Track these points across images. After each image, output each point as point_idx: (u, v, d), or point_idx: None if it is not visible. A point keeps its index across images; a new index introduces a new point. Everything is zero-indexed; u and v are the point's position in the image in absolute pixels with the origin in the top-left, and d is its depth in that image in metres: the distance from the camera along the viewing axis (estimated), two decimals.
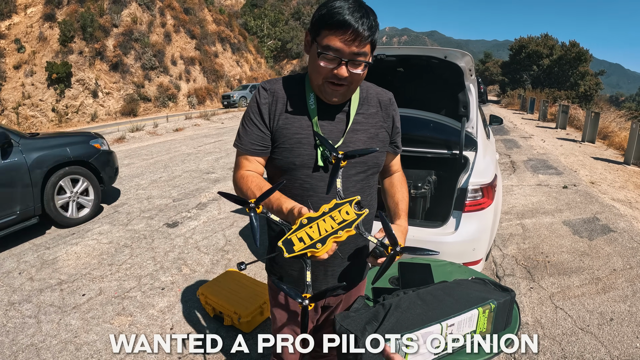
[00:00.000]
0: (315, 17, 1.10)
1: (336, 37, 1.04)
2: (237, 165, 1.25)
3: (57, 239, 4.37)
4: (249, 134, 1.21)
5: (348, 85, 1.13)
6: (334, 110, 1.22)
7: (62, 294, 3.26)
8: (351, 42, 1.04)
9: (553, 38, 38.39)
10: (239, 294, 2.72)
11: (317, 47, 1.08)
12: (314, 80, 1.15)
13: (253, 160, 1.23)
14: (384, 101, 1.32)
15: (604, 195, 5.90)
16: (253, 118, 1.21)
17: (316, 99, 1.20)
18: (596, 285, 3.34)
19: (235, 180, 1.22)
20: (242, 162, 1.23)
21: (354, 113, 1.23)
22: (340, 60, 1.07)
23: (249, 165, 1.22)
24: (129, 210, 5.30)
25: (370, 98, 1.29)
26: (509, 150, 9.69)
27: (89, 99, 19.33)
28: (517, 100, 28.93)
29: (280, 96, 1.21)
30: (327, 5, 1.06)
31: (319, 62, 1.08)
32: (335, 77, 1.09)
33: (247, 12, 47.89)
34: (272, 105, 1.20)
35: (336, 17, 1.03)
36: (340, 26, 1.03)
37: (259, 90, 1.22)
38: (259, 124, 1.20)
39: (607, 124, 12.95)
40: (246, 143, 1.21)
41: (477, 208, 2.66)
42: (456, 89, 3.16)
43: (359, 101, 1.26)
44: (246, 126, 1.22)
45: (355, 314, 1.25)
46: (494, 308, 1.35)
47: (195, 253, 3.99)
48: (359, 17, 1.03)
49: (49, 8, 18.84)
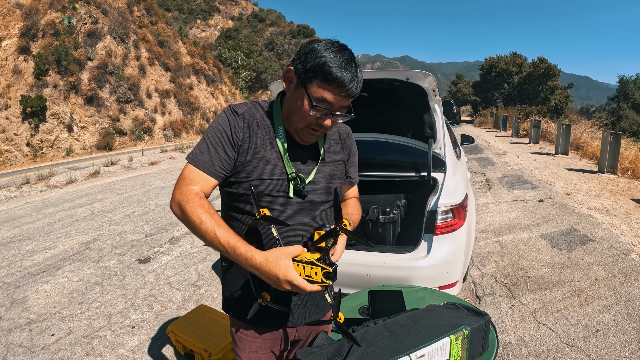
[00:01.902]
0: (309, 62, 1.05)
1: (330, 92, 1.05)
2: (186, 179, 1.10)
3: (27, 277, 4.24)
4: (212, 152, 1.11)
5: (324, 130, 1.14)
6: (300, 145, 1.21)
7: (31, 333, 3.15)
8: (345, 98, 1.07)
9: (521, 56, 39.85)
10: (209, 330, 2.59)
11: (306, 93, 1.06)
12: (293, 122, 1.14)
13: (207, 180, 1.11)
14: (343, 134, 1.35)
15: (580, 205, 5.98)
16: (221, 138, 1.12)
17: (285, 132, 1.18)
18: (579, 297, 3.31)
19: (181, 200, 1.06)
20: (193, 176, 1.10)
21: (321, 148, 1.24)
22: (330, 113, 1.08)
23: (201, 185, 1.10)
24: (101, 247, 5.11)
25: (331, 133, 1.31)
26: (483, 168, 9.81)
27: (64, 133, 19.00)
28: (490, 119, 29.70)
29: (252, 124, 1.16)
30: (323, 54, 1.03)
31: (310, 111, 1.07)
32: (318, 125, 1.11)
33: (221, 43, 48.45)
34: (244, 131, 1.14)
35: (334, 73, 1.02)
36: (339, 84, 1.03)
37: (230, 112, 1.15)
38: (226, 147, 1.12)
39: (579, 134, 13.34)
40: (206, 161, 1.11)
41: (449, 230, 2.61)
42: (421, 110, 3.15)
43: (323, 136, 1.27)
44: (209, 143, 1.12)
45: (318, 350, 1.17)
46: (467, 334, 1.28)
47: (167, 289, 3.84)
48: (353, 73, 1.04)
49: (24, 41, 18.66)
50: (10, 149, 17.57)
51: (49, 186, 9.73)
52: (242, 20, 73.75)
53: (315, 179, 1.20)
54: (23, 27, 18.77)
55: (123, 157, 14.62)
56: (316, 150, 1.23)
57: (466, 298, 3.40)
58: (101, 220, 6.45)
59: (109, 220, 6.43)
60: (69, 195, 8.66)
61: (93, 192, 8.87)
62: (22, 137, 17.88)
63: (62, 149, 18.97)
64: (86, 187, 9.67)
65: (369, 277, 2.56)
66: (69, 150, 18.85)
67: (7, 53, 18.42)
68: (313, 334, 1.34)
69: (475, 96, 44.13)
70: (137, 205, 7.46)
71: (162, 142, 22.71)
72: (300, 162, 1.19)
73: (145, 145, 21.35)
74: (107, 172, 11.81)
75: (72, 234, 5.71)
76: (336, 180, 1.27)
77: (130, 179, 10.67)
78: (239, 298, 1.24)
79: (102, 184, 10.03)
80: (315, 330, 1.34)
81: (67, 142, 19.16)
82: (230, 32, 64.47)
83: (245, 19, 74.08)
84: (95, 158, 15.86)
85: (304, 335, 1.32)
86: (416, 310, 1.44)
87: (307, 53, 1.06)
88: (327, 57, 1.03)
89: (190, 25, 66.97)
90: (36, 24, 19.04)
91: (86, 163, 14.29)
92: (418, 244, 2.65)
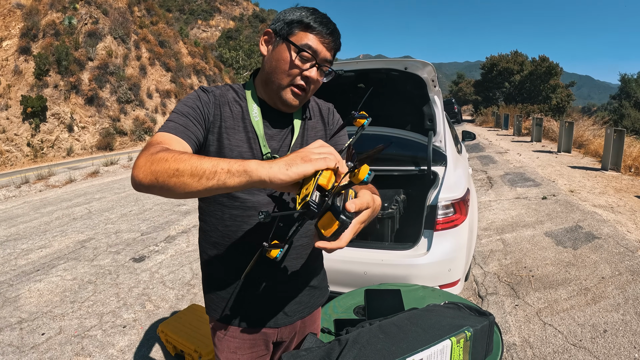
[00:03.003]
0: (287, 17, 1.03)
1: (314, 37, 1.01)
2: (154, 143, 0.88)
3: (20, 276, 4.19)
4: (184, 120, 0.98)
5: (307, 93, 1.07)
6: (276, 124, 1.11)
7: (21, 332, 3.11)
8: (327, 46, 1.03)
9: (523, 54, 39.56)
10: (200, 330, 2.50)
11: (292, 45, 1.01)
12: (276, 82, 1.04)
13: (182, 144, 0.93)
14: (324, 109, 1.25)
15: (584, 202, 5.86)
16: (192, 109, 1.00)
17: (260, 111, 1.08)
18: (585, 296, 3.20)
19: (145, 158, 0.81)
20: (162, 139, 0.91)
21: (298, 126, 1.13)
22: (315, 62, 1.02)
23: (173, 145, 0.90)
24: (96, 245, 5.04)
25: (310, 109, 1.21)
26: (485, 166, 9.70)
27: (65, 133, 18.96)
28: (492, 118, 29.54)
29: (223, 102, 1.06)
30: (299, 10, 1.03)
31: (296, 60, 1.01)
32: (305, 79, 1.03)
33: (222, 44, 48.41)
34: (215, 108, 1.04)
35: (314, 22, 1.01)
36: (321, 31, 1.01)
37: (200, 89, 1.06)
38: (198, 118, 1.00)
39: (581, 132, 13.21)
40: (179, 126, 0.96)
41: (450, 225, 2.50)
42: (420, 102, 3.04)
43: (300, 113, 1.16)
44: (180, 114, 0.98)
45: (306, 353, 1.06)
46: (470, 336, 1.18)
47: (160, 288, 3.75)
48: (333, 29, 1.04)
49: (25, 41, 18.64)
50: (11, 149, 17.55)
51: (48, 186, 9.67)
52: (243, 20, 73.76)
53: None
54: (24, 27, 18.76)
55: (122, 157, 14.58)
56: (292, 129, 1.14)
57: (468, 297, 3.30)
58: (98, 219, 6.38)
59: (105, 219, 6.36)
60: (67, 195, 8.59)
61: (91, 192, 8.80)
62: (23, 137, 17.86)
63: (62, 149, 18.94)
64: (85, 186, 9.61)
65: (366, 275, 2.46)
66: (70, 150, 18.83)
67: (7, 53, 18.41)
68: (298, 335, 1.24)
69: (476, 95, 43.97)
70: (135, 204, 7.39)
71: None
72: (275, 143, 1.10)
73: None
74: (107, 172, 11.75)
75: (68, 233, 5.64)
76: None
77: (129, 178, 10.60)
78: (216, 295, 1.16)
79: (100, 183, 9.96)
80: (300, 331, 1.24)
81: (67, 143, 19.13)
82: (232, 32, 64.49)
83: (246, 20, 74.09)
84: (95, 158, 15.82)
85: (287, 337, 1.23)
86: (415, 310, 1.34)
87: (284, 13, 1.06)
88: (304, 12, 1.03)
89: (191, 25, 67.01)
90: (37, 24, 19.03)
91: (86, 163, 14.25)
92: (417, 241, 2.54)
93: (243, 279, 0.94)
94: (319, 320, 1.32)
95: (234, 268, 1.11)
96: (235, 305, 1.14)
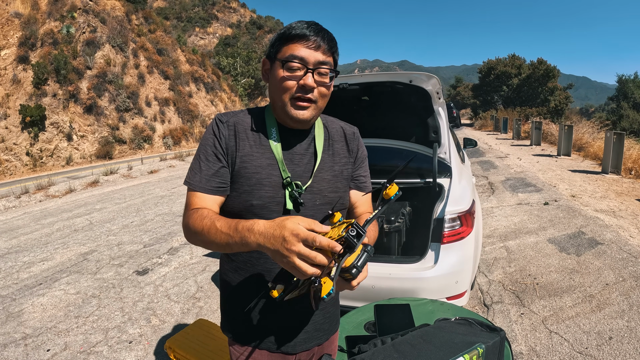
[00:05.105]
0: (272, 40, 1.07)
1: (299, 45, 1.00)
2: (189, 206, 1.04)
3: (23, 290, 4.16)
4: (204, 169, 1.05)
5: (315, 103, 1.05)
6: (298, 148, 1.11)
7: (26, 349, 3.07)
8: (315, 49, 1.01)
9: (520, 57, 39.74)
10: (208, 346, 2.49)
11: (277, 61, 1.03)
12: (277, 100, 1.05)
13: (208, 199, 1.04)
14: (348, 135, 1.23)
15: (586, 207, 5.87)
16: (210, 150, 1.06)
17: (279, 133, 1.09)
18: (590, 303, 3.21)
19: (186, 223, 1.00)
20: (193, 200, 1.04)
21: (320, 149, 1.13)
22: (307, 69, 1.00)
23: (203, 204, 1.03)
24: (99, 258, 5.02)
25: (334, 133, 1.20)
26: (485, 171, 9.72)
27: (64, 142, 18.96)
28: (490, 122, 29.63)
29: (240, 130, 1.08)
30: (284, 27, 1.05)
31: (284, 73, 1.01)
32: (302, 89, 1.01)
33: (220, 51, 48.52)
34: (229, 140, 1.06)
35: (296, 30, 1.01)
36: (302, 36, 1.01)
37: (215, 122, 1.09)
38: (217, 158, 1.05)
39: (580, 135, 13.26)
40: (200, 180, 1.04)
41: (457, 238, 2.51)
42: (425, 114, 3.06)
43: (324, 137, 1.16)
44: (201, 161, 1.06)
45: None
46: (482, 353, 1.19)
47: (165, 302, 3.74)
48: (318, 29, 1.02)
49: (23, 50, 18.68)
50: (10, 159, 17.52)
51: (48, 196, 9.65)
52: (240, 27, 74.07)
53: (314, 186, 1.09)
54: (22, 36, 18.81)
55: (122, 165, 14.56)
56: (315, 154, 1.13)
57: (474, 307, 3.30)
58: (99, 230, 6.36)
59: (107, 230, 6.34)
60: (68, 205, 8.57)
61: (92, 202, 8.78)
62: (22, 146, 17.84)
63: (61, 158, 18.92)
64: (85, 196, 9.59)
65: (374, 289, 2.46)
66: (69, 159, 18.80)
67: (6, 62, 18.43)
68: (316, 356, 1.24)
69: (474, 99, 44.09)
70: (136, 214, 7.36)
71: (161, 150, 22.67)
72: (296, 168, 1.09)
73: (145, 153, 21.31)
74: (107, 181, 11.73)
75: (69, 245, 5.62)
76: (339, 188, 1.15)
77: (130, 187, 10.58)
78: (235, 317, 1.16)
79: (101, 193, 9.94)
80: (318, 353, 1.24)
81: (66, 151, 19.12)
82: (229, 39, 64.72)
83: (243, 26, 74.40)
84: (94, 167, 15.81)
85: (305, 358, 1.23)
86: (427, 327, 1.35)
87: (273, 38, 1.08)
88: (286, 27, 1.04)
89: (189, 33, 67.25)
90: (35, 33, 19.08)
91: (85, 172, 14.23)
92: (425, 254, 2.55)
93: (279, 301, 0.93)
94: (336, 342, 1.32)
95: (255, 293, 1.11)
96: (254, 328, 1.14)
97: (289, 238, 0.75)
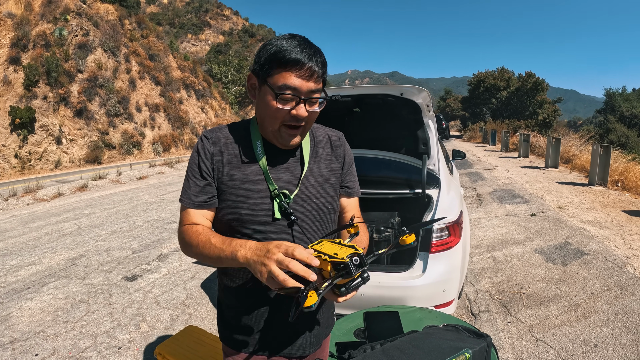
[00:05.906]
0: (262, 56, 1.02)
1: (292, 74, 0.97)
2: (181, 221, 1.13)
3: (11, 294, 4.12)
4: (192, 187, 1.10)
5: (304, 126, 1.06)
6: (283, 157, 1.13)
7: (14, 353, 3.04)
8: (308, 78, 0.98)
9: (509, 70, 40.39)
10: (198, 352, 2.49)
11: (269, 89, 1.00)
12: (268, 126, 1.06)
13: (198, 215, 1.11)
14: (334, 140, 1.25)
15: (572, 218, 5.99)
16: (195, 168, 1.11)
17: (263, 146, 1.11)
18: (576, 312, 3.27)
19: (182, 237, 1.10)
20: (185, 216, 1.12)
21: (307, 157, 1.15)
22: (299, 99, 1.00)
23: (194, 220, 1.11)
24: (87, 263, 4.97)
25: (320, 139, 1.22)
26: (474, 183, 9.83)
27: (53, 145, 18.76)
28: (479, 134, 30.00)
29: (224, 145, 1.11)
30: (274, 44, 1.00)
31: (276, 104, 1.00)
32: (294, 118, 1.02)
33: (211, 58, 48.52)
34: (215, 155, 1.10)
35: (290, 54, 0.97)
36: (296, 63, 0.97)
37: (201, 139, 1.12)
38: (202, 175, 1.10)
39: (568, 148, 13.49)
40: (189, 197, 1.11)
41: (445, 247, 2.56)
42: (415, 126, 3.12)
43: (310, 144, 1.18)
44: (189, 179, 1.11)
45: None
46: (469, 357, 1.22)
47: (155, 308, 3.72)
48: (312, 53, 0.99)
49: (15, 51, 18.51)
50: None
51: (36, 199, 9.55)
52: (232, 35, 74.23)
53: (301, 193, 1.11)
54: (14, 37, 18.66)
55: (111, 171, 14.45)
56: (302, 162, 1.15)
57: (461, 315, 3.34)
58: (88, 235, 6.30)
59: (96, 235, 6.29)
60: (56, 209, 8.49)
61: (80, 207, 8.71)
62: (11, 148, 17.62)
63: (50, 162, 18.72)
64: (73, 201, 9.50)
65: (363, 297, 2.50)
66: (58, 163, 18.61)
67: None
68: None
69: (463, 111, 44.63)
70: (125, 220, 7.32)
71: (151, 156, 22.54)
72: (283, 177, 1.12)
73: (134, 159, 21.16)
74: (95, 186, 11.63)
75: (58, 249, 5.57)
76: (327, 194, 1.17)
77: (119, 193, 10.51)
78: (232, 322, 1.18)
79: (89, 198, 9.86)
80: (310, 358, 1.27)
81: (55, 155, 18.92)
82: (221, 47, 64.81)
83: (235, 34, 74.58)
84: (83, 171, 15.67)
85: None
86: (415, 333, 1.38)
87: (259, 51, 1.04)
88: (278, 44, 0.99)
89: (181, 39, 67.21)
90: (27, 35, 18.95)
91: (74, 176, 14.09)
92: (413, 263, 2.59)
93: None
94: (328, 346, 1.35)
95: (252, 298, 1.13)
96: (250, 334, 1.16)
97: (272, 249, 0.84)
